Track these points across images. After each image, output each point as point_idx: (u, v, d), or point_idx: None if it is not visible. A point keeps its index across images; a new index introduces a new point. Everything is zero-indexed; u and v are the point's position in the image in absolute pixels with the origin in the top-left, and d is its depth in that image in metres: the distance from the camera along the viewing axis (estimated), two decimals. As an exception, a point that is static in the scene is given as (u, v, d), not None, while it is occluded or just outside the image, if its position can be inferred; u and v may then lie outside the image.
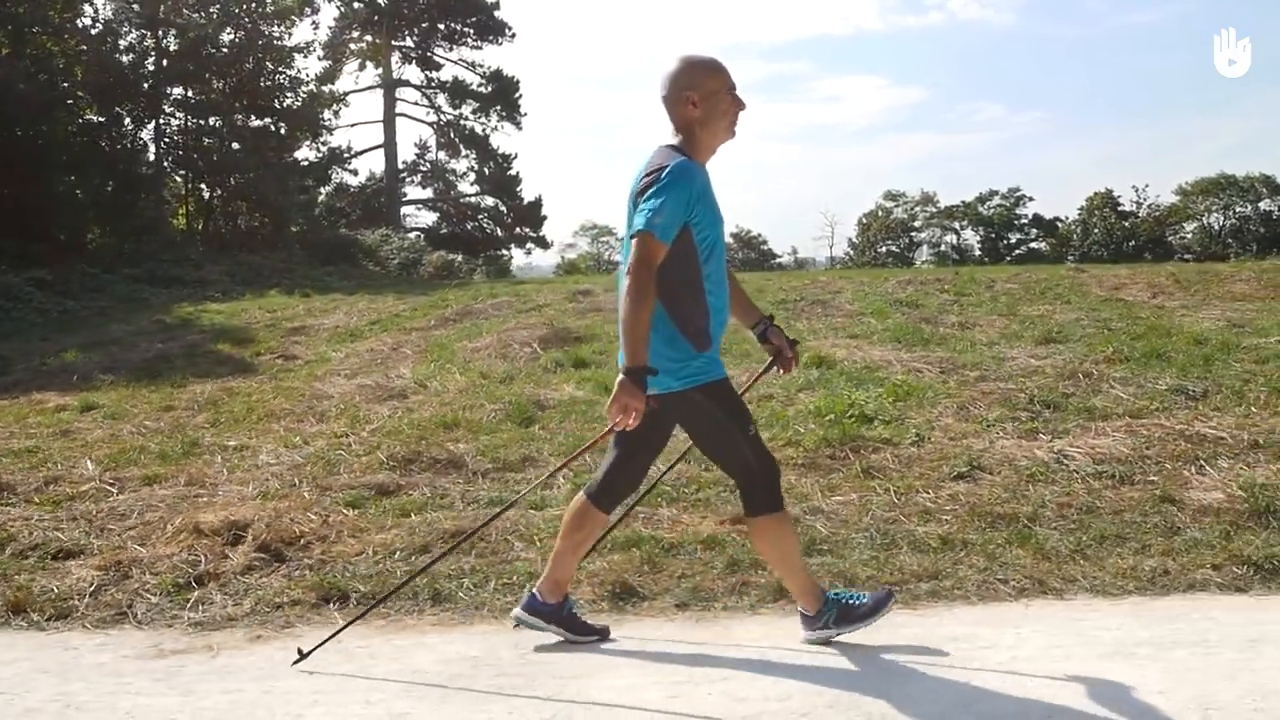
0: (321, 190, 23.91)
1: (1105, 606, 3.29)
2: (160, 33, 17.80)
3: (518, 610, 3.20)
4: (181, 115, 18.68)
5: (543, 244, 33.40)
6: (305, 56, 20.59)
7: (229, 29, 18.81)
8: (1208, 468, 4.53)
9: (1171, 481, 4.37)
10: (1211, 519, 3.91)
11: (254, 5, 19.30)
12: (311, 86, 20.72)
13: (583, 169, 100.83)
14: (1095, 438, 5.04)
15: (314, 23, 30.04)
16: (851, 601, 3.07)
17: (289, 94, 20.00)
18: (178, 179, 19.17)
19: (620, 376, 2.77)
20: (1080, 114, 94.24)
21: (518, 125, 31.53)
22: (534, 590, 3.21)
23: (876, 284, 12.05)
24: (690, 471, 4.84)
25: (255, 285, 15.55)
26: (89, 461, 5.46)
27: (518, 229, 32.21)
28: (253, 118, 20.04)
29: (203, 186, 19.07)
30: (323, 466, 5.20)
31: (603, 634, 3.21)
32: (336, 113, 30.08)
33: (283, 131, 19.86)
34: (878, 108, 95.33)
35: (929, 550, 3.77)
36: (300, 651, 3.03)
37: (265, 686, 2.91)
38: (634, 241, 2.81)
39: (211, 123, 18.91)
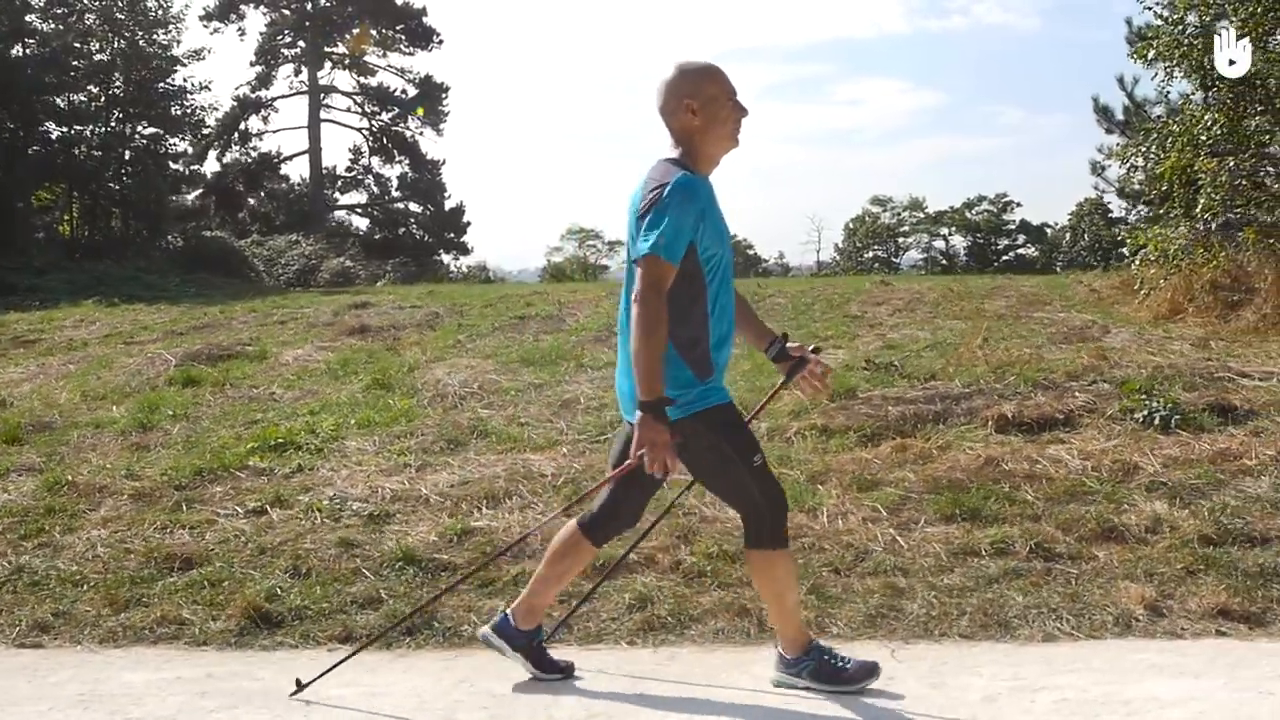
0: (200, 197, 24.03)
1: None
2: (25, 42, 18.15)
3: (485, 629, 3.03)
4: (56, 124, 19.05)
5: (464, 250, 33.68)
6: (187, 65, 20.90)
7: (110, 37, 19.13)
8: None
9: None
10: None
11: (136, 15, 19.64)
12: (197, 97, 21.06)
13: (582, 173, 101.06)
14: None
15: (240, 30, 30.52)
16: (834, 661, 2.84)
17: (174, 102, 20.33)
18: (59, 187, 19.54)
19: (638, 414, 2.62)
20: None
21: (439, 131, 31.86)
22: (507, 612, 3.03)
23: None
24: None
25: (90, 294, 15.79)
26: None
27: (444, 234, 32.43)
28: (142, 125, 20.39)
29: (77, 195, 19.39)
30: None
31: (566, 671, 3.01)
32: (265, 118, 30.87)
33: (168, 139, 20.18)
34: (899, 111, 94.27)
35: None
36: (299, 682, 2.82)
37: None
38: (639, 266, 2.65)
39: (88, 131, 19.24)
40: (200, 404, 7.00)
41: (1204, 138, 9.58)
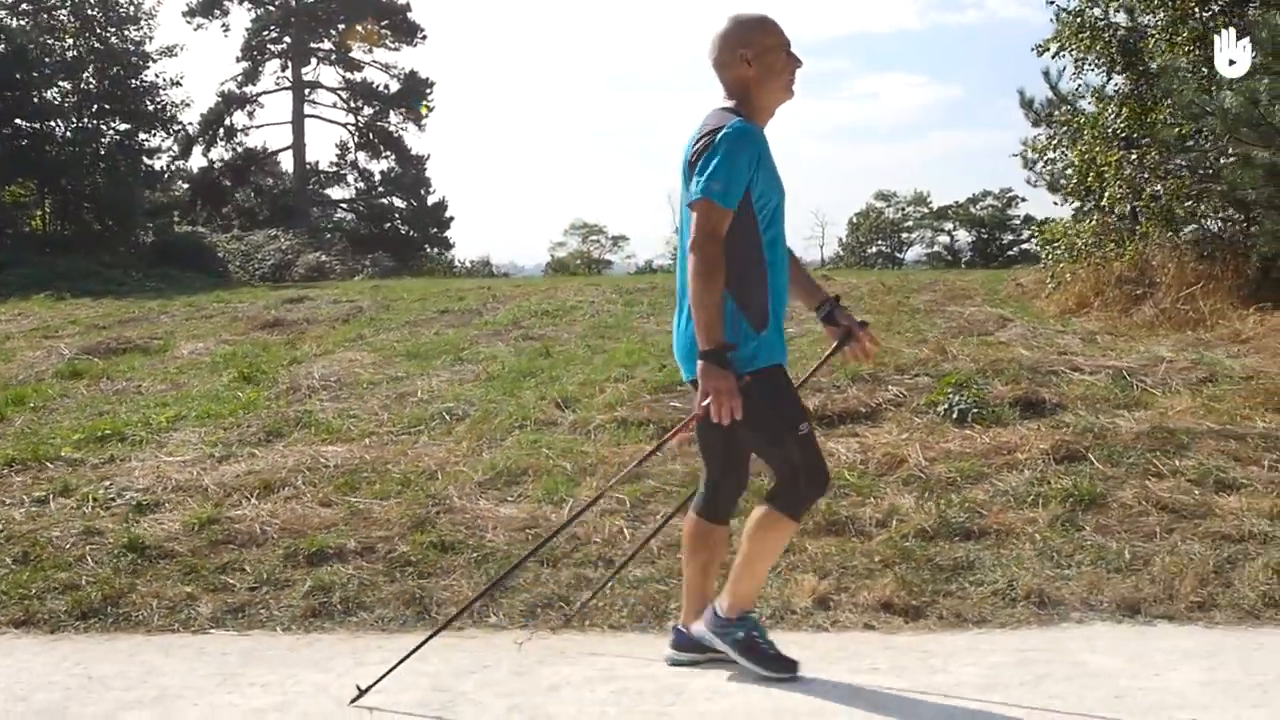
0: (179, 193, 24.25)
1: None
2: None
3: (667, 650, 2.96)
4: (26, 121, 19.28)
5: (446, 245, 33.87)
6: (159, 61, 21.13)
7: (82, 33, 19.33)
8: None
9: None
10: None
11: (108, 11, 19.86)
12: (170, 93, 21.28)
13: (588, 168, 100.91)
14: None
15: (224, 25, 30.78)
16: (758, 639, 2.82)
17: (147, 98, 20.56)
18: (32, 183, 19.80)
19: (700, 362, 2.60)
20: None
21: (420, 127, 32.04)
22: (677, 626, 2.99)
23: (560, 295, 11.98)
24: None
25: (46, 288, 16.00)
26: None
27: (428, 229, 32.62)
28: (115, 121, 20.64)
29: (48, 190, 19.65)
30: None
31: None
32: (251, 114, 31.12)
33: (141, 135, 20.40)
34: (915, 105, 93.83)
35: None
36: (359, 688, 2.70)
37: None
38: (694, 212, 2.60)
39: (59, 127, 19.50)
40: (68, 396, 7.11)
41: (1112, 130, 9.50)
